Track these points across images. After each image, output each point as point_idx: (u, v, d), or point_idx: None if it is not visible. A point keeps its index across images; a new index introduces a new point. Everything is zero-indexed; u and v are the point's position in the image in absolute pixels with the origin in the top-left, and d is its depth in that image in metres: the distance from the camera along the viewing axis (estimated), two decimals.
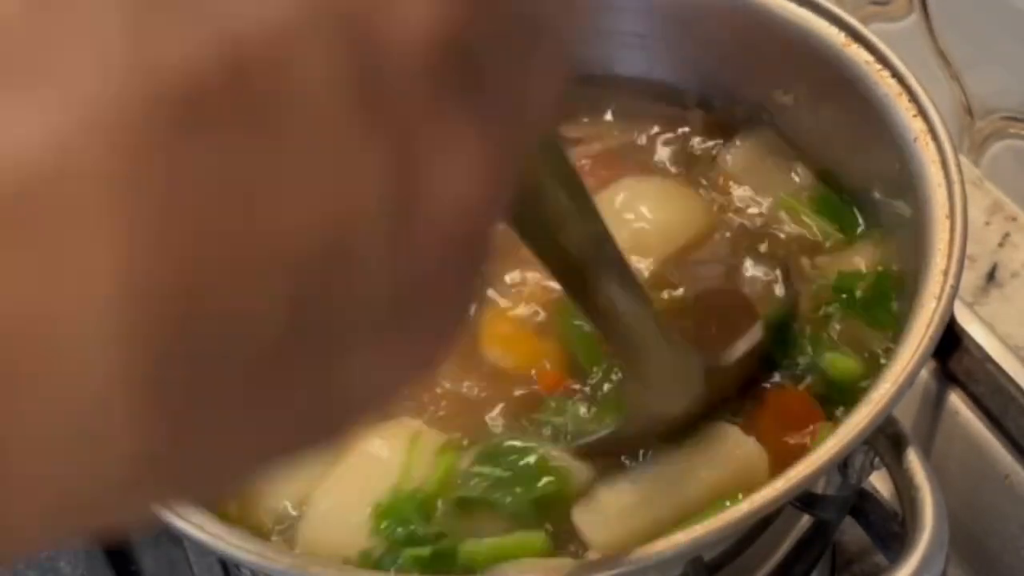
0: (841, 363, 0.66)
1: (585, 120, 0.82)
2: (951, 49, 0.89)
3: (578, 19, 0.27)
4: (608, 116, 0.84)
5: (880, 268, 0.70)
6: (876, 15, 0.94)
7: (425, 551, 0.60)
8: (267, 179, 0.21)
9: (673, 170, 0.80)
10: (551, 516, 0.61)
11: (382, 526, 0.61)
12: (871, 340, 0.67)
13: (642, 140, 0.82)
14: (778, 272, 0.72)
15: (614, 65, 0.83)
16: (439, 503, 0.62)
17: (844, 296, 0.69)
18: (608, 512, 0.60)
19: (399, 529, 0.61)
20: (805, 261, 0.72)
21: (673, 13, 0.80)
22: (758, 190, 0.76)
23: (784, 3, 0.73)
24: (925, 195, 0.63)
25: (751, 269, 0.72)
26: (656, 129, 0.82)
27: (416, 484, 0.63)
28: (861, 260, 0.71)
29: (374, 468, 0.64)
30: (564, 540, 0.61)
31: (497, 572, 0.59)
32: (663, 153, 0.81)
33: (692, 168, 0.79)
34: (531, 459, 0.63)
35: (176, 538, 0.77)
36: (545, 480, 0.62)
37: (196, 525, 0.55)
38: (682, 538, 0.51)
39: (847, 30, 0.71)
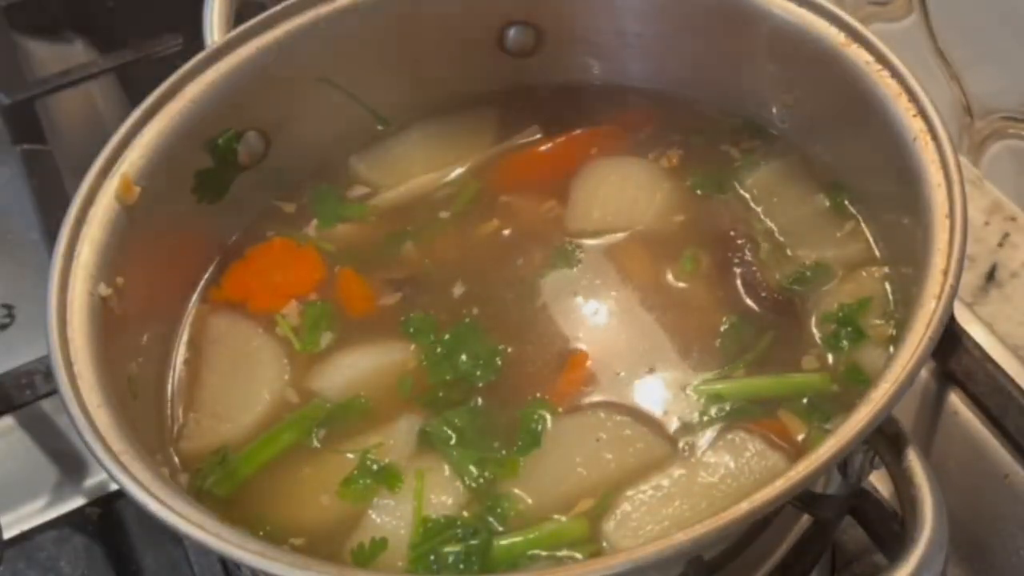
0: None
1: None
2: (951, 49, 0.89)
3: None
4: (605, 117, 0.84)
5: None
6: (876, 15, 0.94)
7: (457, 547, 0.61)
8: None
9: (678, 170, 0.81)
10: None
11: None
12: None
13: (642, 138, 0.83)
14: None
15: (614, 66, 0.84)
16: None
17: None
18: (642, 527, 0.61)
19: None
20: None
21: (673, 13, 0.80)
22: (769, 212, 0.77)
23: (784, 3, 0.73)
24: (924, 195, 0.63)
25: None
26: (654, 132, 0.83)
27: None
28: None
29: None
30: None
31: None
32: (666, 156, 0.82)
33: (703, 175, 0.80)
34: None
35: (177, 538, 0.77)
36: None
37: (196, 525, 0.55)
38: (682, 537, 0.51)
39: (847, 30, 0.71)
